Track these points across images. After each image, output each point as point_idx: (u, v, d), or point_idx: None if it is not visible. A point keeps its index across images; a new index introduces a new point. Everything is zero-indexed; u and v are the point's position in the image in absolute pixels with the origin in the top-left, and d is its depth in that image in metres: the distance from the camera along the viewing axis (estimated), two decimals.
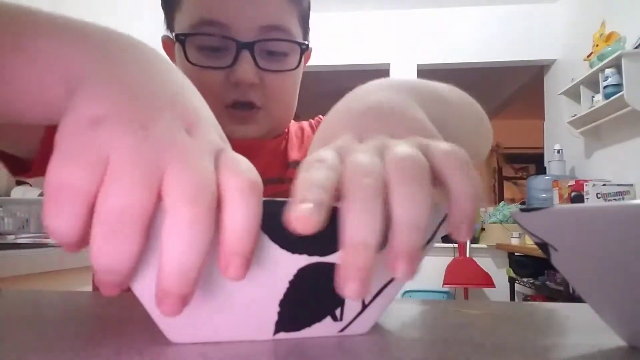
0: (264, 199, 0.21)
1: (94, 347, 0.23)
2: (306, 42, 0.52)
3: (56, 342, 0.24)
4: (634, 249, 0.20)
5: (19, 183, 1.83)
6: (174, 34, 0.51)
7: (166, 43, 0.55)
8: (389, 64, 3.44)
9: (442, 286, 3.07)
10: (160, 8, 0.55)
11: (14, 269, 1.01)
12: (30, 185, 1.85)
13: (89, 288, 1.34)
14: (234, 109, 0.50)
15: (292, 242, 0.23)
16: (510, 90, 4.42)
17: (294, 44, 0.50)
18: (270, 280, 0.23)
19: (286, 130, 0.61)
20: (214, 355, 0.22)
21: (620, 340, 0.25)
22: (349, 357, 0.22)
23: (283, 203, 0.22)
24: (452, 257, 3.21)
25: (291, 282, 0.23)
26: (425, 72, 3.41)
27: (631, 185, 2.23)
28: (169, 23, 0.54)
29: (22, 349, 0.22)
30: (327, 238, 0.23)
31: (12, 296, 0.40)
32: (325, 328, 0.25)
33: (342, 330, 0.26)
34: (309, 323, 0.25)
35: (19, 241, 1.34)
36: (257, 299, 0.23)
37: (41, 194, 1.59)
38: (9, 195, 1.67)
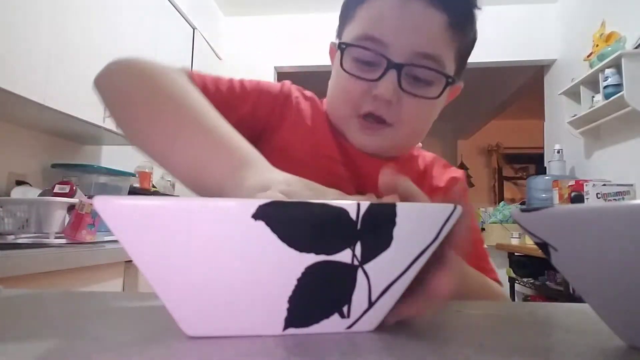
0: (272, 200, 0.22)
1: (95, 347, 0.23)
2: (452, 77, 0.54)
3: (56, 342, 0.24)
4: (634, 249, 0.20)
5: (19, 183, 1.83)
6: (338, 42, 0.56)
7: (332, 48, 0.60)
8: None
9: None
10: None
11: (14, 269, 1.01)
12: (30, 185, 1.85)
13: (89, 288, 1.35)
14: (364, 120, 0.54)
15: (299, 241, 0.23)
16: (510, 90, 4.42)
17: (440, 75, 0.52)
18: (279, 277, 0.24)
19: (415, 155, 0.65)
20: (222, 348, 0.22)
21: (620, 340, 0.25)
22: (351, 353, 0.22)
23: (291, 204, 0.23)
24: None
25: (299, 280, 0.24)
26: None
27: (631, 185, 2.22)
28: (339, 32, 0.59)
29: (22, 349, 0.22)
30: (333, 237, 0.24)
31: (12, 296, 0.40)
32: (333, 325, 0.26)
33: (350, 327, 0.26)
34: (317, 319, 0.26)
35: (19, 241, 1.34)
36: (266, 296, 0.24)
37: (41, 194, 1.59)
38: (9, 195, 1.67)
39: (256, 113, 0.57)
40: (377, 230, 0.24)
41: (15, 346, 0.23)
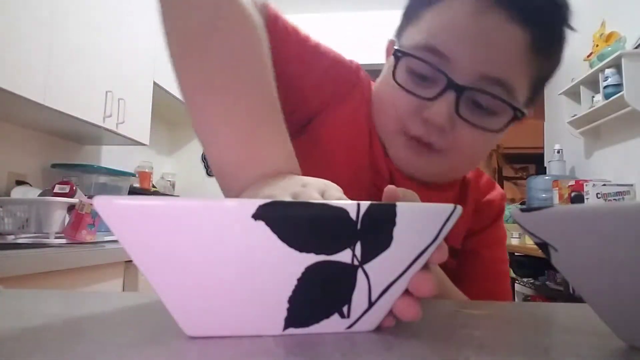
0: (272, 200, 0.22)
1: (95, 347, 0.23)
2: (522, 110, 0.46)
3: (56, 342, 0.24)
4: (634, 249, 0.20)
5: (19, 183, 1.84)
6: (396, 46, 0.49)
7: (388, 47, 0.54)
8: None
9: None
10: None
11: (14, 269, 1.01)
12: (30, 185, 1.86)
13: (89, 288, 1.35)
14: (410, 140, 0.47)
15: (299, 241, 0.23)
16: None
17: (508, 106, 0.45)
18: (279, 277, 0.24)
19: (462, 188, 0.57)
20: (223, 348, 0.22)
21: (620, 340, 0.25)
22: (351, 353, 0.22)
23: (291, 204, 0.23)
24: None
25: (299, 280, 0.24)
26: None
27: (631, 185, 2.22)
28: (399, 32, 0.52)
29: (22, 349, 0.22)
30: (333, 237, 0.24)
31: (12, 296, 0.40)
32: (333, 325, 0.26)
33: (350, 327, 0.27)
34: (317, 319, 0.26)
35: (19, 241, 1.34)
36: (266, 296, 0.24)
37: (41, 194, 1.59)
38: (9, 195, 1.67)
39: (325, 83, 0.51)
40: (377, 230, 0.24)
41: (15, 346, 0.23)
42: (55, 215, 1.38)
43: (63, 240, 1.37)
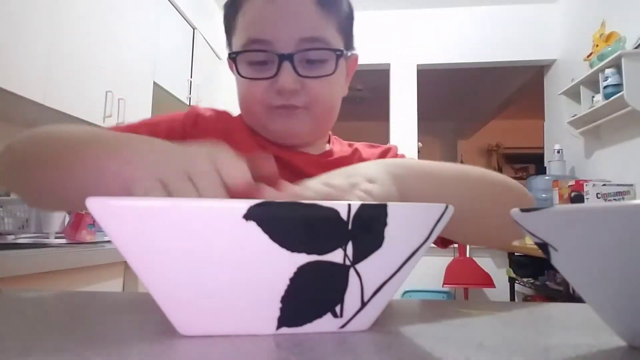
0: (263, 201, 0.23)
1: (95, 346, 0.23)
2: (341, 49, 0.57)
3: (56, 342, 0.24)
4: (634, 249, 0.20)
5: None
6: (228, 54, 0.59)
7: (229, 62, 0.62)
8: (389, 64, 3.43)
9: (442, 286, 3.07)
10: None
11: (14, 269, 1.01)
12: None
13: (89, 288, 1.34)
14: (278, 109, 0.56)
15: (291, 241, 0.23)
16: (510, 90, 4.42)
17: (329, 51, 0.56)
18: (271, 277, 0.24)
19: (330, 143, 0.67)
20: (220, 348, 0.22)
21: (620, 340, 0.25)
22: (349, 353, 0.22)
23: (282, 205, 0.23)
24: (452, 257, 3.21)
25: (291, 280, 0.24)
26: (425, 72, 3.41)
27: (631, 185, 2.22)
28: (229, 45, 0.61)
29: (22, 349, 0.22)
30: (325, 237, 0.24)
31: (12, 296, 0.40)
32: (326, 324, 0.26)
33: (343, 326, 0.27)
34: (310, 319, 0.26)
35: (19, 241, 1.34)
36: (259, 296, 0.24)
37: None
38: (9, 195, 1.67)
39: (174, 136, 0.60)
40: (368, 230, 0.24)
41: (15, 346, 0.23)
42: (55, 215, 1.38)
43: (63, 240, 1.37)
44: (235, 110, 0.73)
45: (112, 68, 2.05)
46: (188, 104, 2.62)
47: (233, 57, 0.57)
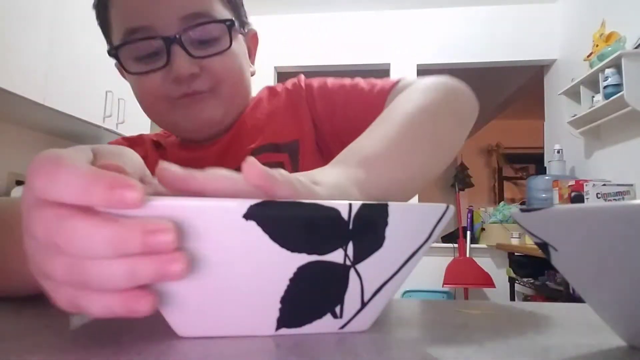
0: (264, 200, 0.22)
1: (95, 347, 0.23)
2: (229, 19, 0.51)
3: (56, 342, 0.24)
4: (634, 249, 0.20)
5: (19, 183, 1.84)
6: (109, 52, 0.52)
7: (116, 65, 0.56)
8: (389, 64, 3.44)
9: (442, 286, 3.07)
10: None
11: None
12: None
13: None
14: (181, 99, 0.51)
15: (291, 241, 0.23)
16: (510, 90, 4.42)
17: (219, 24, 0.50)
18: (271, 277, 0.24)
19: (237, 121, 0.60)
20: (220, 348, 0.22)
21: (620, 340, 0.25)
22: (349, 354, 0.22)
23: (283, 204, 0.23)
24: (452, 257, 3.21)
25: (291, 280, 0.24)
26: (425, 72, 3.41)
27: (631, 185, 2.22)
28: (110, 46, 0.54)
29: (22, 349, 0.22)
30: (325, 237, 0.24)
31: (12, 296, 0.40)
32: (326, 325, 0.26)
33: (343, 327, 0.26)
34: (309, 320, 0.26)
35: None
36: (258, 296, 0.24)
37: None
38: (9, 195, 1.67)
39: None
40: (369, 230, 0.24)
41: (15, 346, 0.23)
42: None
43: None
44: None
45: (112, 68, 2.05)
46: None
47: (114, 54, 0.50)
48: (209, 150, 0.57)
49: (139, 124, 2.29)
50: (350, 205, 0.23)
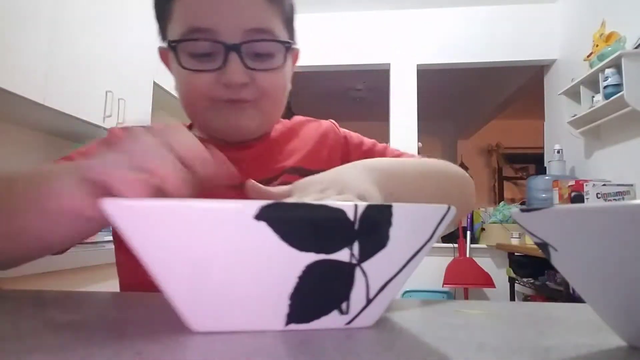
0: (273, 202, 0.24)
1: (94, 346, 0.23)
2: (289, 41, 0.55)
3: (56, 342, 0.24)
4: (634, 249, 0.20)
5: None
6: (166, 43, 0.54)
7: (162, 53, 0.59)
8: (389, 64, 3.44)
9: (442, 286, 3.07)
10: (152, 18, 0.58)
11: (14, 269, 1.01)
12: None
13: (89, 288, 1.35)
14: (225, 103, 0.53)
15: (299, 241, 0.25)
16: (510, 90, 4.42)
17: (278, 43, 0.53)
18: (280, 275, 0.25)
19: (269, 134, 0.64)
20: (232, 342, 0.22)
21: (620, 340, 0.25)
22: (356, 352, 0.22)
23: (291, 206, 0.24)
24: (452, 257, 3.21)
25: (300, 278, 0.25)
26: (425, 72, 3.41)
27: (631, 185, 2.22)
28: (163, 33, 0.56)
29: (22, 349, 0.22)
30: (332, 237, 0.25)
31: (12, 296, 0.40)
32: (333, 320, 0.27)
33: (349, 323, 0.28)
34: (317, 315, 0.27)
35: None
36: (268, 293, 0.25)
37: None
38: None
39: None
40: (374, 230, 0.25)
41: (15, 346, 0.23)
42: None
43: None
44: None
45: (112, 68, 2.05)
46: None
47: (173, 46, 0.52)
48: (240, 153, 0.59)
49: (139, 124, 2.29)
50: (356, 206, 0.24)
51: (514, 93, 4.43)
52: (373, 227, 0.25)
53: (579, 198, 2.31)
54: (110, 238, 1.57)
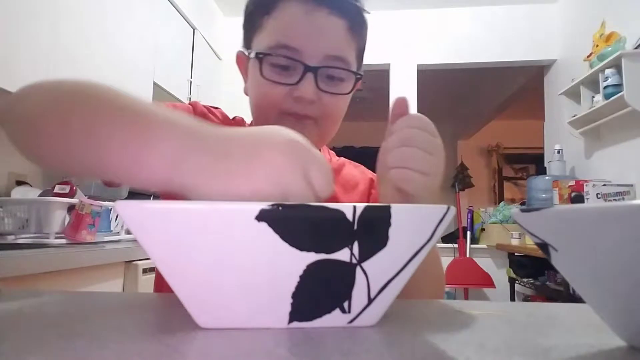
0: (274, 203, 0.24)
1: (94, 346, 0.23)
2: (360, 73, 0.62)
3: (56, 342, 0.24)
4: (634, 249, 0.20)
5: (19, 183, 1.83)
6: (251, 52, 0.60)
7: (240, 57, 0.65)
8: (389, 64, 3.43)
9: None
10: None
11: (14, 269, 1.01)
12: (30, 185, 1.86)
13: (89, 288, 1.35)
14: (290, 116, 0.59)
15: (300, 241, 0.25)
16: (510, 90, 4.42)
17: (350, 73, 0.60)
18: (282, 274, 0.26)
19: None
20: (237, 339, 0.23)
21: (620, 340, 0.25)
22: (357, 351, 0.22)
23: (291, 207, 0.25)
24: (452, 257, 3.21)
25: (301, 277, 0.26)
26: (425, 72, 3.41)
27: (631, 185, 2.22)
28: (247, 42, 0.63)
29: (22, 349, 0.22)
30: (332, 237, 0.25)
31: (12, 296, 0.40)
32: (335, 319, 0.28)
33: (351, 321, 0.28)
34: (320, 314, 0.27)
35: (19, 241, 1.34)
36: (271, 292, 0.26)
37: (41, 194, 1.59)
38: (9, 196, 1.67)
39: None
40: (373, 231, 0.26)
41: (15, 346, 0.23)
42: (55, 215, 1.38)
43: (63, 241, 1.37)
44: (234, 111, 0.73)
45: (112, 68, 2.05)
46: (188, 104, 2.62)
47: (260, 58, 0.58)
48: None
49: None
50: (354, 207, 0.25)
51: (514, 93, 4.43)
52: (372, 228, 0.26)
53: (579, 198, 2.31)
54: (111, 238, 1.58)
